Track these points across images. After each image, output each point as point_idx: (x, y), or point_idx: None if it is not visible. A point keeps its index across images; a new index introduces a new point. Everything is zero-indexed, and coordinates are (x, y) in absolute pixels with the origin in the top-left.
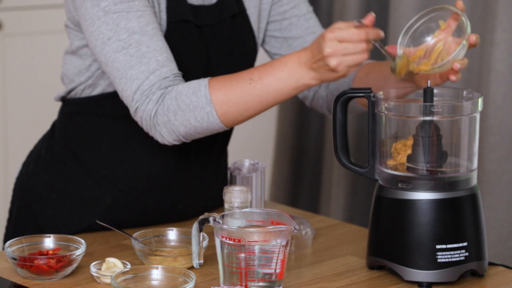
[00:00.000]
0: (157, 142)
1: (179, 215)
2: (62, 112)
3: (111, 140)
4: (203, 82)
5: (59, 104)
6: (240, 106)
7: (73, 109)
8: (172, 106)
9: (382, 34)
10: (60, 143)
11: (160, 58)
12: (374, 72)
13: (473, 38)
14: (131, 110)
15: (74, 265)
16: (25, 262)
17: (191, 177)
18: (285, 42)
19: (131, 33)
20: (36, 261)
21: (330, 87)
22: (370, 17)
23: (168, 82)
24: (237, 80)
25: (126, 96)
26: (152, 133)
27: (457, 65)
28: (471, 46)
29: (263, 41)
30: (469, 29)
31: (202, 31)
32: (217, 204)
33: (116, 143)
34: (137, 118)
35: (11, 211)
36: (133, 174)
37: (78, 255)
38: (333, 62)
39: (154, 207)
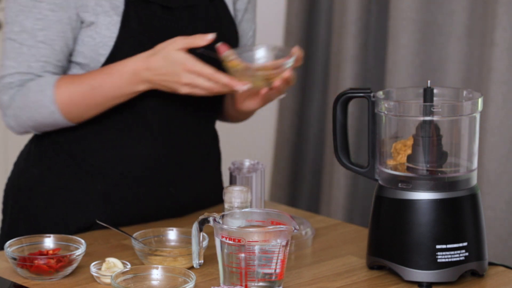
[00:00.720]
0: (143, 127)
1: (173, 201)
2: None
3: (96, 129)
4: (51, 81)
5: None
6: (82, 108)
7: None
8: (21, 102)
9: (240, 88)
10: (49, 137)
11: (33, 65)
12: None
13: (289, 74)
14: None
15: (74, 265)
16: (25, 262)
17: (180, 160)
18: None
19: (22, 30)
20: (36, 261)
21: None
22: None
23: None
24: (80, 83)
25: None
26: (2, 120)
27: (277, 82)
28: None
29: None
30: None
31: (171, 13)
32: (211, 190)
33: (102, 132)
34: None
35: (4, 211)
36: (122, 161)
37: (78, 255)
38: (184, 90)
39: (146, 192)
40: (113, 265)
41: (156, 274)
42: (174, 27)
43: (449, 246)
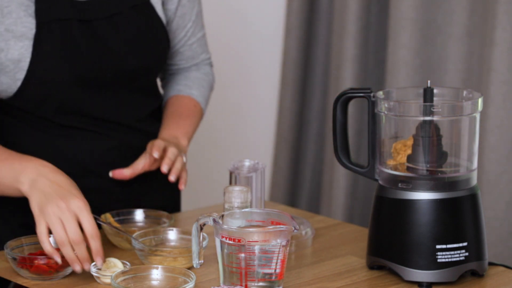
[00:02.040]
0: (71, 128)
1: (143, 196)
2: None
3: (29, 132)
4: None
5: None
6: None
7: None
8: None
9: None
10: None
11: None
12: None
13: None
14: None
15: None
16: (25, 262)
17: (122, 150)
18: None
19: None
20: (36, 261)
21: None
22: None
23: None
24: None
25: None
26: None
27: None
28: None
29: None
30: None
31: (92, 25)
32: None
33: (38, 144)
34: None
35: None
36: (62, 160)
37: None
38: (48, 218)
39: (99, 185)
40: (113, 265)
41: (156, 274)
42: (96, 39)
43: (449, 246)
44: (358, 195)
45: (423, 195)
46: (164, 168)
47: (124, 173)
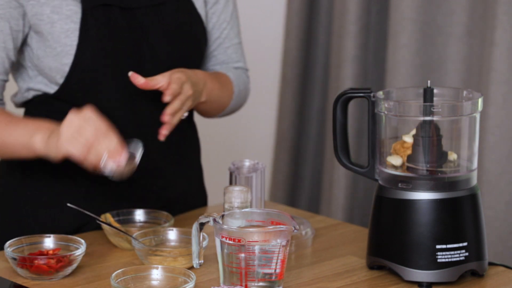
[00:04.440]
0: (115, 125)
1: (158, 199)
2: (24, 112)
3: None
4: None
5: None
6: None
7: (31, 107)
8: None
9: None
10: None
11: None
12: None
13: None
14: None
15: (74, 265)
16: (25, 262)
17: (158, 155)
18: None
19: None
20: (36, 261)
21: None
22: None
23: None
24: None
25: None
26: None
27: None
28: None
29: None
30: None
31: (134, 14)
32: (195, 186)
33: None
34: None
35: None
36: None
37: (78, 255)
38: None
39: (129, 192)
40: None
41: (156, 274)
42: (136, 28)
43: (449, 246)
44: (358, 195)
45: (423, 195)
46: (167, 99)
47: (139, 79)
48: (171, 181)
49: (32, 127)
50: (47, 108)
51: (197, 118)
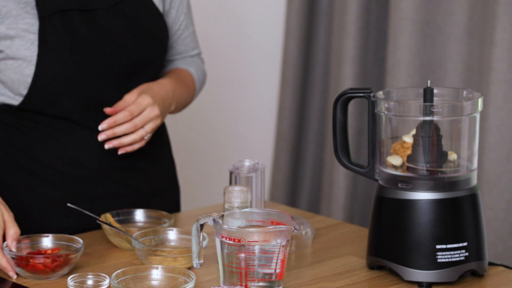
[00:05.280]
0: (86, 129)
1: (137, 194)
2: None
3: (42, 137)
4: None
5: None
6: None
7: (2, 117)
8: None
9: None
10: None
11: None
12: None
13: None
14: None
15: (72, 265)
16: (21, 261)
17: (129, 156)
18: None
19: None
20: (31, 260)
21: None
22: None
23: None
24: None
25: None
26: None
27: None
28: None
29: None
30: None
31: (94, 15)
32: (167, 175)
33: (48, 139)
34: None
35: None
36: (73, 165)
37: (74, 255)
38: None
39: (108, 191)
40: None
41: (156, 274)
42: (98, 29)
43: (449, 246)
44: (358, 195)
45: (423, 195)
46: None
47: (108, 110)
48: (147, 176)
49: None
50: (11, 118)
51: (197, 118)
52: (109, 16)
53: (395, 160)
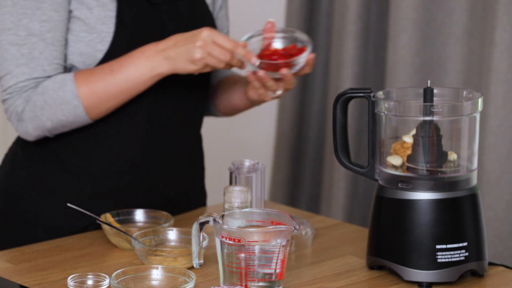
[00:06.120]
0: (127, 124)
1: (162, 198)
2: None
3: (82, 129)
4: (68, 77)
5: None
6: (103, 97)
7: None
8: (39, 102)
9: (254, 61)
10: (35, 140)
11: (47, 69)
12: (226, 83)
13: (312, 56)
14: (0, 96)
15: (300, 64)
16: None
17: (166, 156)
18: None
19: (30, 33)
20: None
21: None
22: (268, 25)
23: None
24: (100, 72)
25: (1, 84)
26: (15, 127)
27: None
28: (306, 68)
29: None
30: (310, 49)
31: (158, 8)
32: (199, 188)
33: (87, 132)
34: (4, 106)
35: None
36: (108, 160)
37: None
38: (197, 54)
39: (135, 190)
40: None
41: (156, 274)
42: (158, 22)
43: (449, 246)
44: (358, 195)
45: (423, 195)
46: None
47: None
48: (176, 182)
49: (134, 60)
50: None
51: None
52: (169, 11)
53: (395, 160)
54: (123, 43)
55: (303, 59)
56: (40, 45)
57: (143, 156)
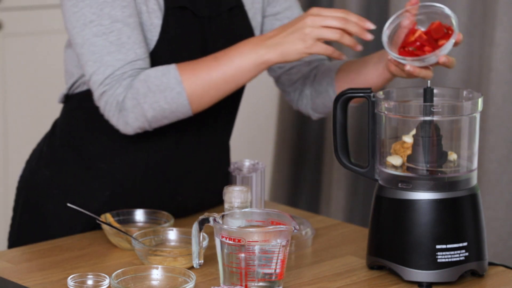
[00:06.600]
0: (155, 132)
1: (178, 208)
2: (63, 109)
3: (110, 132)
4: (171, 66)
5: (59, 105)
6: (206, 84)
7: (73, 104)
8: (142, 88)
9: (368, 36)
10: (61, 139)
11: (138, 52)
12: (352, 69)
13: (460, 36)
14: (96, 94)
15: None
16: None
17: (190, 169)
18: None
19: (114, 20)
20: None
21: (314, 86)
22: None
23: (140, 72)
24: (203, 60)
25: (96, 79)
26: (115, 119)
27: (443, 58)
28: (456, 44)
29: None
30: (457, 28)
31: (200, 21)
32: (216, 199)
33: (115, 135)
34: (101, 102)
35: (15, 209)
36: (131, 166)
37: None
38: (307, 29)
39: (152, 198)
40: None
41: (156, 274)
42: (201, 35)
43: (449, 246)
44: (358, 195)
45: (423, 195)
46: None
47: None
48: (195, 194)
49: (239, 48)
50: (88, 105)
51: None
52: (211, 25)
53: (395, 160)
54: (163, 53)
55: (450, 44)
56: (126, 30)
57: (167, 166)
